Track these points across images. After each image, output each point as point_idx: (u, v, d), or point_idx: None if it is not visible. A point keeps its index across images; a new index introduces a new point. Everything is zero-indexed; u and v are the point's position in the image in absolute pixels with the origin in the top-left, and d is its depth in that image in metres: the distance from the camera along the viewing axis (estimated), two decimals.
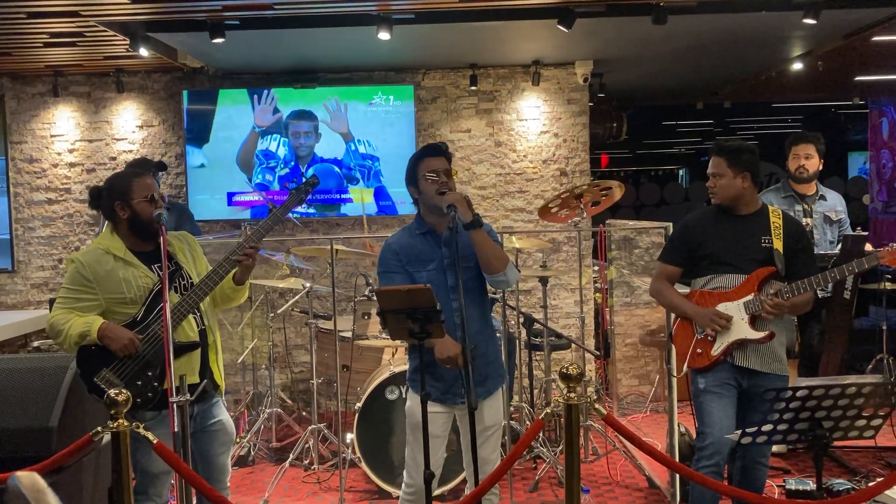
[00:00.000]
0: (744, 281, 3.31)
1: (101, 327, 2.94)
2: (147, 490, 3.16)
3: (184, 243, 3.27)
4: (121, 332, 2.95)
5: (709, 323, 3.30)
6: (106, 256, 3.03)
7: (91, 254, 3.06)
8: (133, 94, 6.46)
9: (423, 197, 3.17)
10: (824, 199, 4.77)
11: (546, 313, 5.05)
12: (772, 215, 3.37)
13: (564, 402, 2.61)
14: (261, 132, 6.30)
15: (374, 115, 6.32)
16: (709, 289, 3.38)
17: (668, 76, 7.70)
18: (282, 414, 5.27)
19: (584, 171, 6.61)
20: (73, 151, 6.48)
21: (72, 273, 3.03)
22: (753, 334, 3.27)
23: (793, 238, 3.34)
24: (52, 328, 3.02)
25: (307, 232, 6.24)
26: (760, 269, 3.29)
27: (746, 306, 3.28)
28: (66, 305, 3.02)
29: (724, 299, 3.33)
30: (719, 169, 3.34)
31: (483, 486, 2.75)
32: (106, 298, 3.00)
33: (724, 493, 3.33)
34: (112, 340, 2.93)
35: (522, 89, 6.53)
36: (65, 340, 2.97)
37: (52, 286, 6.47)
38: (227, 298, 3.30)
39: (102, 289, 2.99)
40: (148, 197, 3.05)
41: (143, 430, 2.63)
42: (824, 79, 7.71)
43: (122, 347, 2.94)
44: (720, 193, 3.36)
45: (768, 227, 3.33)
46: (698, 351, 3.36)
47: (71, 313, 2.99)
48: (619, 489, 4.40)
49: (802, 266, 3.33)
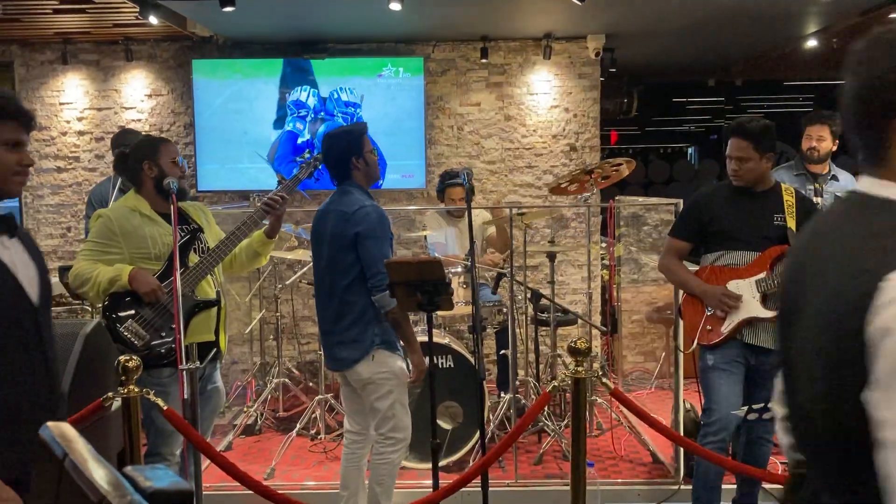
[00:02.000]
0: (756, 258, 3.30)
1: (132, 271, 3.07)
2: (160, 450, 3.24)
3: (199, 211, 3.43)
4: (150, 278, 3.09)
5: (718, 304, 3.30)
6: (132, 213, 3.17)
7: (118, 210, 3.21)
8: (142, 62, 6.43)
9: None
10: (836, 179, 4.74)
11: (553, 289, 5.05)
12: (785, 193, 3.34)
13: (572, 376, 2.63)
14: (289, 84, 6.29)
15: (383, 87, 6.28)
16: (720, 265, 3.38)
17: (680, 52, 7.62)
18: (289, 384, 5.31)
19: (594, 147, 6.57)
20: (81, 120, 6.47)
21: (99, 227, 3.17)
22: (765, 313, 3.26)
23: (806, 217, 3.30)
24: (77, 278, 3.13)
25: (315, 204, 6.23)
26: (774, 248, 3.27)
27: (758, 284, 3.28)
28: (91, 257, 3.15)
29: (736, 276, 3.32)
30: (745, 152, 3.26)
31: (488, 457, 2.78)
32: (130, 253, 3.13)
33: (729, 468, 3.36)
34: (141, 284, 3.06)
35: (533, 63, 6.48)
36: (92, 287, 3.09)
37: (60, 254, 6.49)
38: (253, 256, 3.45)
39: (128, 243, 3.13)
40: (174, 160, 3.21)
41: (153, 396, 2.67)
42: (838, 57, 7.61)
43: (150, 292, 3.06)
44: (745, 177, 3.30)
45: (781, 206, 3.31)
46: (708, 328, 3.37)
47: (96, 264, 3.12)
48: (623, 464, 4.43)
49: None
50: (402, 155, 6.32)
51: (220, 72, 6.27)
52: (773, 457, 4.26)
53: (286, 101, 6.28)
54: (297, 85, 6.28)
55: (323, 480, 4.24)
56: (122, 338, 3.11)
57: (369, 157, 3.28)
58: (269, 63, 6.29)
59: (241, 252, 3.44)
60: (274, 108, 6.29)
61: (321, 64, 6.28)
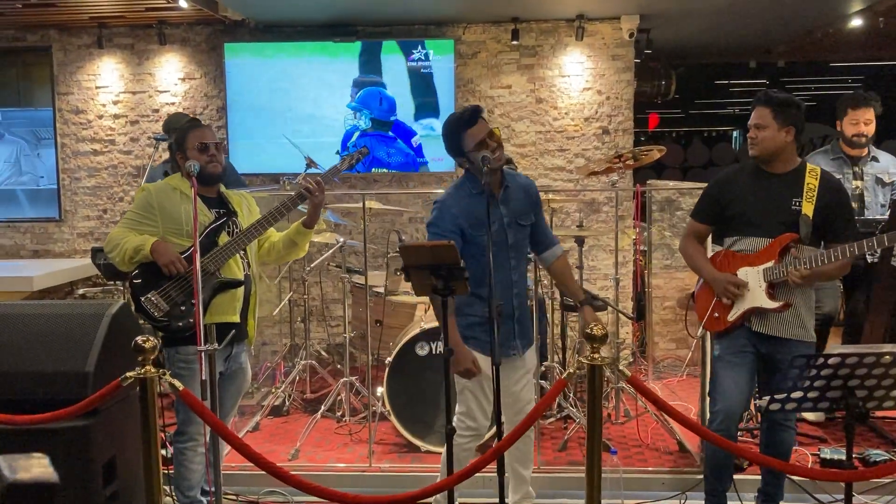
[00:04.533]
0: (766, 246, 3.20)
1: (154, 243, 3.19)
2: (187, 429, 3.32)
3: (242, 199, 3.53)
4: (171, 250, 3.19)
5: (722, 291, 3.24)
6: (174, 192, 3.31)
7: (161, 186, 3.37)
8: (175, 46, 6.49)
9: (474, 167, 3.16)
10: (876, 160, 4.58)
11: (581, 274, 4.98)
12: (808, 175, 3.20)
13: (588, 363, 2.58)
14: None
15: (412, 70, 6.25)
16: (734, 250, 3.30)
17: (719, 33, 7.42)
18: (316, 366, 5.34)
19: (627, 130, 6.45)
20: (117, 103, 6.56)
21: (141, 199, 3.33)
22: (768, 303, 3.18)
23: (829, 199, 3.17)
24: (110, 242, 3.29)
25: (345, 187, 6.25)
26: (783, 236, 3.17)
27: (766, 273, 3.18)
28: (127, 226, 3.31)
29: (746, 263, 3.24)
30: (764, 120, 3.18)
31: (503, 443, 2.75)
32: (164, 227, 3.26)
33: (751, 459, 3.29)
34: (161, 255, 3.17)
35: (565, 45, 6.37)
36: (119, 254, 3.23)
37: (97, 236, 6.62)
38: (291, 246, 3.48)
39: (164, 218, 3.26)
40: (198, 146, 3.29)
41: (169, 377, 2.69)
42: (886, 36, 7.35)
43: (169, 263, 3.16)
44: (761, 145, 3.20)
45: (801, 188, 3.18)
46: (715, 315, 3.30)
47: (130, 232, 3.26)
48: (648, 452, 4.37)
49: (839, 229, 3.18)
50: (433, 138, 6.29)
51: (253, 54, 6.29)
52: (804, 448, 4.18)
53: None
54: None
55: (346, 462, 4.26)
56: (142, 307, 3.23)
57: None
58: (301, 46, 6.30)
59: (279, 242, 3.49)
60: (317, 91, 6.31)
61: (350, 46, 6.26)
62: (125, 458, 3.53)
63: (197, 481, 3.44)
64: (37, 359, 3.34)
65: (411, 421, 4.31)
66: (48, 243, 6.71)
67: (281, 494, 3.92)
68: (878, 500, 3.69)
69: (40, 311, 3.64)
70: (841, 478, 2.75)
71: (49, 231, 6.71)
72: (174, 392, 2.83)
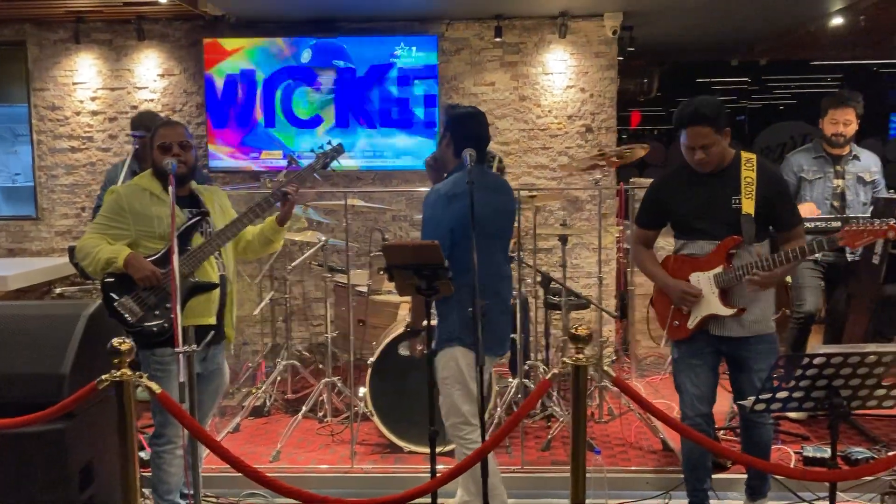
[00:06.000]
0: (714, 249, 3.18)
1: (127, 257, 3.13)
2: (165, 432, 3.27)
3: (213, 196, 3.46)
4: (144, 264, 3.13)
5: (679, 301, 3.24)
6: (143, 192, 3.24)
7: (131, 188, 3.30)
8: (154, 42, 6.40)
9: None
10: (858, 159, 4.59)
11: (565, 272, 4.97)
12: (744, 168, 3.16)
13: (572, 363, 2.56)
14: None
15: (395, 66, 6.19)
16: (684, 254, 3.28)
17: (701, 31, 7.43)
18: (298, 366, 5.29)
19: (611, 128, 6.44)
20: (95, 100, 6.46)
21: (111, 203, 3.26)
22: (723, 310, 3.18)
23: (767, 191, 3.14)
24: (81, 250, 3.22)
25: (327, 185, 6.19)
26: (727, 240, 3.15)
27: (716, 279, 3.17)
28: (98, 231, 3.24)
29: (697, 268, 3.23)
30: (707, 139, 3.09)
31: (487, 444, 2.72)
32: (136, 230, 3.20)
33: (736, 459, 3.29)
34: (135, 270, 3.12)
35: (549, 42, 6.35)
36: (91, 263, 3.18)
37: (75, 234, 6.51)
38: (266, 243, 3.49)
39: (135, 221, 3.20)
40: (159, 146, 3.24)
41: (146, 379, 2.63)
42: (866, 35, 7.39)
43: (144, 278, 3.13)
44: (713, 162, 3.15)
45: (738, 184, 3.14)
46: (675, 323, 3.30)
47: (102, 239, 3.20)
48: (632, 451, 4.36)
49: (784, 218, 3.19)
50: (416, 135, 6.24)
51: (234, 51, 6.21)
52: (787, 446, 4.18)
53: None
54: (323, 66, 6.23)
55: (328, 464, 4.21)
56: (115, 312, 3.15)
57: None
58: (283, 42, 6.23)
59: (254, 239, 3.48)
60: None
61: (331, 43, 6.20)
62: (102, 462, 3.47)
63: (175, 484, 3.39)
64: (11, 360, 3.27)
65: (394, 421, 4.27)
66: (25, 242, 6.60)
67: (262, 497, 3.87)
68: (861, 498, 3.71)
69: (15, 311, 3.57)
70: (826, 478, 2.75)
71: (25, 229, 6.60)
72: (151, 395, 2.78)
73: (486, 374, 3.37)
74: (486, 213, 3.10)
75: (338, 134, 6.22)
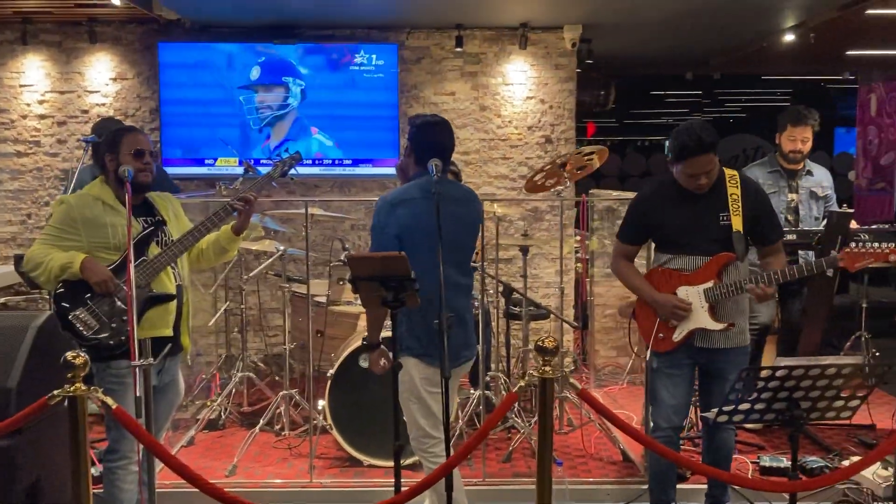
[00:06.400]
0: (704, 265, 3.21)
1: (83, 260, 3.01)
2: (120, 447, 3.15)
3: (167, 202, 3.36)
4: (102, 268, 3.02)
5: (669, 314, 3.24)
6: (95, 202, 3.13)
7: (82, 198, 3.16)
8: (106, 45, 6.23)
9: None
10: (811, 174, 4.69)
11: (526, 282, 4.97)
12: (728, 185, 3.22)
13: (539, 376, 2.54)
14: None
15: (355, 74, 6.15)
16: (669, 268, 3.30)
17: (658, 45, 7.55)
18: (254, 378, 5.18)
19: (570, 139, 6.49)
20: (43, 103, 6.26)
21: (60, 213, 3.12)
22: (714, 325, 3.21)
23: (754, 208, 3.22)
24: (31, 261, 3.08)
25: (284, 193, 6.10)
26: (720, 256, 3.19)
27: (707, 294, 3.20)
28: (48, 242, 3.09)
29: (685, 282, 3.25)
30: (712, 163, 3.14)
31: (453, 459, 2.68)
32: (89, 242, 3.07)
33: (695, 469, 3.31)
34: (92, 274, 3.00)
35: (509, 53, 6.37)
36: (43, 272, 3.04)
37: (20, 241, 6.30)
38: (220, 252, 3.40)
39: (88, 232, 3.07)
40: (133, 151, 3.13)
41: (101, 394, 2.54)
42: (816, 52, 7.59)
43: (101, 283, 3.01)
44: (710, 183, 3.20)
45: (726, 202, 3.20)
46: (660, 335, 3.31)
47: (52, 249, 3.06)
48: (592, 462, 4.37)
49: (768, 233, 3.27)
50: (376, 144, 6.20)
51: (189, 56, 6.09)
52: (744, 455, 4.24)
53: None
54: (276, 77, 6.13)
55: (286, 478, 4.12)
56: (69, 325, 3.03)
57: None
58: (240, 48, 6.13)
59: (209, 247, 3.39)
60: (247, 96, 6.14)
61: (291, 50, 6.13)
62: (51, 480, 3.34)
63: (129, 502, 3.27)
64: None
65: (354, 434, 4.21)
66: None
67: None
68: None
69: None
70: (788, 488, 2.77)
71: None
72: (106, 410, 2.69)
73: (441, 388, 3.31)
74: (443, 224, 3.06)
75: (296, 142, 6.14)
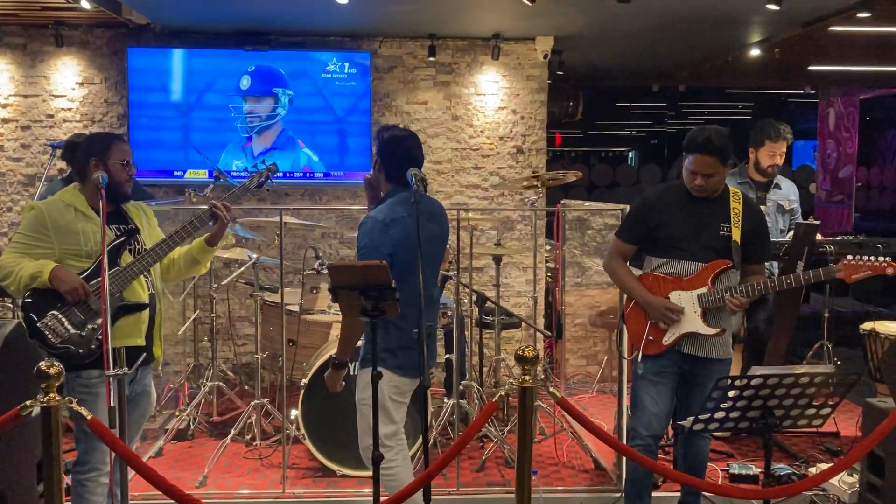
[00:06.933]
0: (699, 271, 3.27)
1: (53, 269, 2.96)
2: (90, 459, 3.09)
3: (141, 211, 3.33)
4: (72, 276, 2.97)
5: (661, 317, 3.28)
6: (67, 208, 3.07)
7: (53, 204, 3.09)
8: (73, 49, 6.13)
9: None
10: (778, 187, 4.79)
11: (498, 291, 4.99)
12: (732, 199, 3.31)
13: (519, 385, 2.55)
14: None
15: (327, 82, 6.13)
16: (663, 272, 3.34)
17: (627, 57, 7.66)
18: (223, 387, 5.11)
19: (541, 150, 6.54)
20: (6, 107, 6.13)
21: (31, 220, 3.05)
22: (706, 329, 3.26)
23: (752, 224, 3.31)
24: (1, 269, 3.01)
25: (255, 201, 6.05)
26: (716, 262, 3.25)
27: (700, 299, 3.25)
28: (18, 250, 3.03)
29: (678, 287, 3.30)
30: (712, 168, 3.19)
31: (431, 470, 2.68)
32: (61, 249, 3.02)
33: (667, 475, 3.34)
34: (63, 282, 2.94)
35: (481, 63, 6.41)
36: (13, 282, 2.98)
37: None
38: (192, 263, 3.35)
39: (59, 239, 3.02)
40: (124, 161, 3.13)
41: (76, 404, 2.49)
42: (779, 66, 7.78)
43: (72, 290, 2.96)
44: (711, 189, 3.26)
45: (728, 214, 3.28)
46: (650, 338, 3.34)
47: (23, 258, 3.00)
48: (565, 470, 4.39)
49: (760, 251, 3.34)
50: (348, 152, 6.18)
51: (158, 61, 6.02)
52: (713, 463, 4.29)
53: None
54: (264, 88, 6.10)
55: (258, 489, 4.07)
56: (38, 332, 2.98)
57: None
58: (209, 53, 6.08)
59: (180, 259, 3.35)
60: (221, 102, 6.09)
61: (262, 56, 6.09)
62: (16, 493, 3.25)
63: None
64: None
65: (327, 444, 4.17)
66: None
67: None
68: None
69: None
70: (760, 495, 2.82)
71: None
72: (78, 420, 2.63)
73: (409, 399, 3.31)
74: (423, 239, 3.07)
75: (269, 152, 6.10)
